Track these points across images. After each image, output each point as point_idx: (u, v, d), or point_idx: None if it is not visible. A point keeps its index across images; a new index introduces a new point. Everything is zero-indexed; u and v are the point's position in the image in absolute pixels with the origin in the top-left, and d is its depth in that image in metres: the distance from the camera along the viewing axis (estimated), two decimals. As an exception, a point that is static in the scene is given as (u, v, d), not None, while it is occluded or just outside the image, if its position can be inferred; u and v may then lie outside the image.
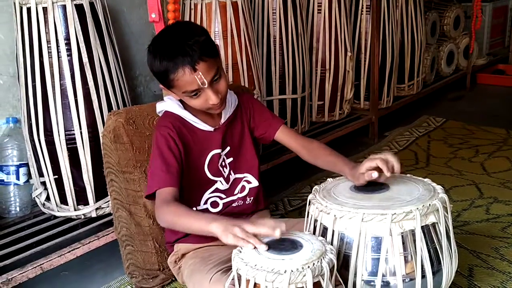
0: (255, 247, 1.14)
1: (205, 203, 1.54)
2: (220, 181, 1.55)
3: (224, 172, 1.56)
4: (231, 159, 1.58)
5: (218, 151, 1.54)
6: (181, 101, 1.52)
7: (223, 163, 1.56)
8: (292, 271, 1.05)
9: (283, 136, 1.64)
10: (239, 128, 1.61)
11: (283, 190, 2.47)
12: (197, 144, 1.51)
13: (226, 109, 1.54)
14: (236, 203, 1.58)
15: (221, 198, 1.56)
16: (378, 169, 1.35)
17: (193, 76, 1.36)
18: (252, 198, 1.60)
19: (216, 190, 1.55)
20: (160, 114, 1.58)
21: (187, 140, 1.50)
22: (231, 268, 1.22)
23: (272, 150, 2.41)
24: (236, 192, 1.58)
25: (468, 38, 4.18)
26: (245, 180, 1.60)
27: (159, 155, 1.45)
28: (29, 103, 1.82)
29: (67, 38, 1.77)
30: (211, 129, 1.53)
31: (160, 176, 1.42)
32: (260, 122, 1.64)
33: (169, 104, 1.53)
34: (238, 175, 1.59)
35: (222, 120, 1.55)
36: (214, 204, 1.55)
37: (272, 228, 1.15)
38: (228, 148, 1.57)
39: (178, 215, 1.32)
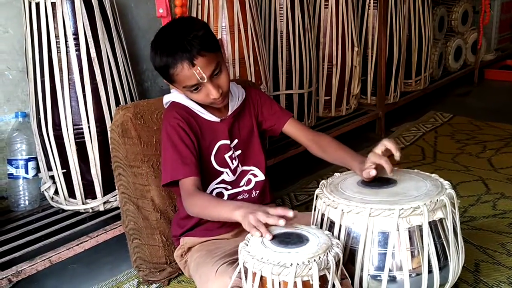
0: (261, 235, 1.17)
1: (211, 193, 1.55)
2: (226, 172, 1.56)
3: (232, 163, 1.57)
4: (239, 151, 1.59)
5: (226, 142, 1.55)
6: None
7: (233, 155, 1.57)
8: (298, 264, 1.06)
9: (292, 129, 1.64)
10: (247, 122, 1.62)
11: (290, 185, 2.48)
12: (203, 135, 1.53)
13: (233, 101, 1.56)
14: (241, 195, 1.59)
15: (226, 189, 1.57)
16: (380, 165, 1.35)
17: (191, 71, 1.37)
18: (258, 191, 1.61)
19: (223, 181, 1.56)
20: (166, 106, 1.59)
21: (195, 130, 1.51)
22: (236, 261, 1.24)
23: (278, 145, 2.42)
24: (242, 184, 1.59)
25: (476, 33, 4.16)
26: (252, 174, 1.61)
27: (172, 146, 1.46)
28: (37, 97, 1.83)
29: (76, 33, 1.78)
30: (217, 120, 1.54)
31: (177, 168, 1.44)
32: (268, 115, 1.65)
33: (175, 95, 1.55)
34: (245, 168, 1.60)
35: (229, 112, 1.56)
36: (219, 195, 1.56)
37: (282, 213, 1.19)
38: (236, 140, 1.58)
39: (204, 205, 1.36)
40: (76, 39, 1.78)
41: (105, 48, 1.84)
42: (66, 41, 1.77)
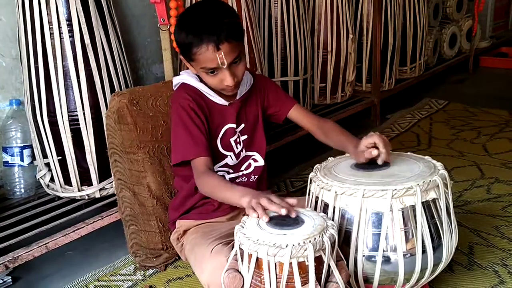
0: (258, 217, 1.17)
1: None
2: (230, 156, 1.57)
3: (237, 148, 1.58)
4: (245, 136, 1.60)
5: (233, 125, 1.56)
6: (197, 75, 1.54)
7: (238, 139, 1.58)
8: (293, 245, 1.07)
9: (297, 114, 1.66)
10: (254, 107, 1.63)
11: (286, 172, 2.49)
12: (212, 117, 1.54)
13: (241, 86, 1.56)
14: (240, 179, 1.60)
15: (228, 173, 1.58)
16: (376, 146, 1.36)
17: (215, 54, 1.38)
18: (256, 176, 1.62)
19: (226, 165, 1.57)
20: (175, 88, 1.59)
21: (205, 112, 1.52)
22: (231, 242, 1.24)
23: (275, 132, 2.42)
24: (242, 168, 1.61)
25: (471, 20, 4.16)
26: (253, 158, 1.62)
27: (183, 127, 1.47)
28: (32, 85, 1.82)
29: (69, 19, 1.77)
30: (226, 103, 1.55)
31: (188, 148, 1.45)
32: (274, 101, 1.66)
33: (185, 76, 1.55)
34: (248, 153, 1.62)
35: (238, 96, 1.56)
36: None
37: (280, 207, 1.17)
38: (243, 125, 1.60)
39: (214, 187, 1.39)
40: (70, 25, 1.77)
41: (99, 35, 1.83)
42: (59, 27, 1.76)
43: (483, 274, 1.61)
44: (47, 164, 1.92)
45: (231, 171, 1.59)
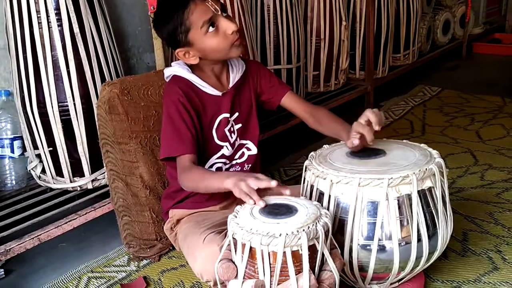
0: (255, 203, 1.17)
1: (210, 167, 1.55)
2: (226, 146, 1.56)
3: (232, 137, 1.57)
4: (239, 125, 1.59)
5: (227, 115, 1.55)
6: (189, 66, 1.52)
7: (232, 129, 1.57)
8: (287, 234, 1.06)
9: (290, 102, 1.65)
10: (247, 95, 1.61)
11: (279, 160, 2.48)
12: (205, 109, 1.52)
13: (234, 74, 1.55)
14: (233, 168, 1.59)
15: (225, 164, 1.57)
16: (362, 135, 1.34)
17: (204, 4, 1.39)
18: (250, 165, 1.61)
19: (222, 156, 1.56)
20: (167, 80, 1.56)
21: (196, 105, 1.50)
22: (224, 231, 1.23)
23: (267, 121, 2.40)
24: (236, 157, 1.60)
25: (465, 6, 4.14)
26: (246, 147, 1.61)
27: (170, 122, 1.45)
28: (20, 75, 1.79)
29: (57, 8, 1.73)
30: (219, 93, 1.53)
31: (173, 145, 1.44)
32: (267, 88, 1.64)
33: (177, 68, 1.53)
34: (242, 141, 1.61)
35: (230, 84, 1.55)
36: (218, 170, 1.56)
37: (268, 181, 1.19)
38: (237, 114, 1.58)
39: (197, 180, 1.38)
40: (58, 14, 1.73)
41: (88, 23, 1.80)
42: (47, 16, 1.73)
43: (477, 260, 1.61)
44: (38, 156, 1.89)
45: (227, 161, 1.58)
